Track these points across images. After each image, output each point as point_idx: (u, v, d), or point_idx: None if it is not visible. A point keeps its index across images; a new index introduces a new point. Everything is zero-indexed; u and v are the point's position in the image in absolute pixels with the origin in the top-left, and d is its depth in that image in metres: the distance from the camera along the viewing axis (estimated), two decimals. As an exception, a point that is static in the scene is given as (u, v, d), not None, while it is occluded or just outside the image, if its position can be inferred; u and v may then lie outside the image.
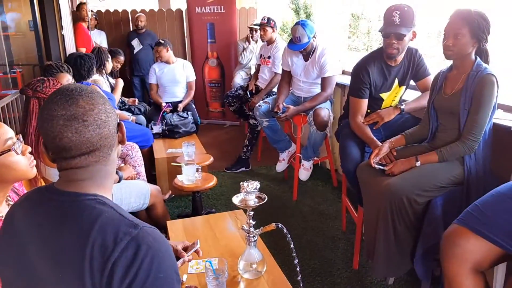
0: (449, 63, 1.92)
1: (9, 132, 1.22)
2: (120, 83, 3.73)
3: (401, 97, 2.38)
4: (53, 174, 2.01)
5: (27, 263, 0.86)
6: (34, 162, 1.29)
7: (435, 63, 1.94)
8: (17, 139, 1.25)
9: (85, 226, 0.79)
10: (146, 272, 0.76)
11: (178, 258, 1.27)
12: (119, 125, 0.90)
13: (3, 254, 0.91)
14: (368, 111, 2.32)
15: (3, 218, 0.95)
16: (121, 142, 0.92)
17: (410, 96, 2.43)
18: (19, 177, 1.26)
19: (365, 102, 2.27)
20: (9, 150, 1.19)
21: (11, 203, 1.32)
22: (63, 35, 4.39)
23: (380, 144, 2.08)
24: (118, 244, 0.76)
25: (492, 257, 1.42)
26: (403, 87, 2.31)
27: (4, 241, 0.91)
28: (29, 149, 1.28)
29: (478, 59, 1.80)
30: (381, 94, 2.28)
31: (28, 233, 0.86)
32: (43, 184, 2.05)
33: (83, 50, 4.54)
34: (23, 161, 1.23)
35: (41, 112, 0.84)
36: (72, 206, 0.83)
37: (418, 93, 2.39)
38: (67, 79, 2.58)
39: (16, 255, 0.88)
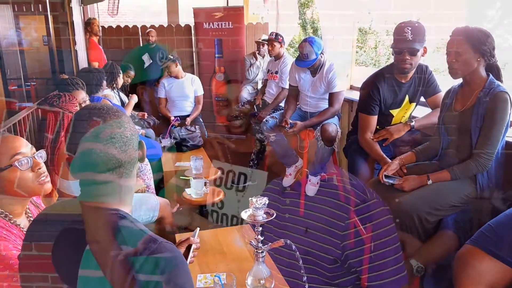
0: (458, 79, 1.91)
1: (22, 147, 1.21)
2: (134, 99, 3.72)
3: (411, 114, 2.37)
4: (67, 186, 2.02)
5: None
6: (47, 179, 1.27)
7: (445, 79, 1.94)
8: (33, 154, 1.23)
9: (107, 239, 0.81)
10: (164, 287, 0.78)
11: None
12: (140, 143, 0.93)
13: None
14: (378, 127, 2.31)
15: (25, 230, 0.96)
16: (141, 159, 0.94)
17: (420, 113, 2.41)
18: (26, 193, 1.24)
19: (374, 119, 2.26)
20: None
21: (30, 215, 1.32)
22: (76, 50, 4.46)
23: (390, 161, 2.07)
24: (138, 258, 0.78)
25: (506, 279, 1.38)
26: (414, 104, 2.30)
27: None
28: (41, 165, 1.25)
29: (491, 76, 1.79)
30: (391, 111, 2.28)
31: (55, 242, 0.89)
32: (57, 196, 2.06)
33: (95, 64, 4.60)
34: (28, 177, 1.21)
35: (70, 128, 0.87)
36: (95, 220, 0.85)
37: (428, 110, 2.38)
38: (82, 96, 2.61)
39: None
